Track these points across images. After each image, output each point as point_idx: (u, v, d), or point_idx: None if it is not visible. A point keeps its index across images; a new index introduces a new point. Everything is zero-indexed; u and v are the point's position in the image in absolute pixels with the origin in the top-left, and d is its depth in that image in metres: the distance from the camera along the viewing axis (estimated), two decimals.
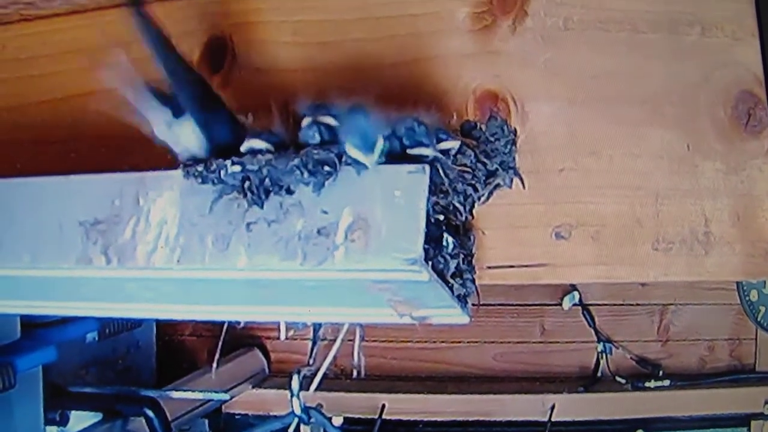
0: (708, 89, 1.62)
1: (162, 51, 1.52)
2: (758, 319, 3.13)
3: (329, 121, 1.46)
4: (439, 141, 1.49)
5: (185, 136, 1.53)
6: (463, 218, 1.55)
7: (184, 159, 1.52)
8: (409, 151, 1.45)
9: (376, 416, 3.12)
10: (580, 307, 3.25)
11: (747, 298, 3.14)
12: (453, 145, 1.52)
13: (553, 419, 3.05)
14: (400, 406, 3.15)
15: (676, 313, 3.26)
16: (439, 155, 1.46)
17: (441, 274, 1.44)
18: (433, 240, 1.42)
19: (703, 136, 1.62)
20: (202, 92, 1.57)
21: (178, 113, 1.52)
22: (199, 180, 1.47)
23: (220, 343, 2.21)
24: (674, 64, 1.63)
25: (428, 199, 1.36)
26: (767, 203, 1.58)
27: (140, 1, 1.49)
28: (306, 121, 1.49)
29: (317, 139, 1.46)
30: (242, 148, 1.49)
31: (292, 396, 2.23)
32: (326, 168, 1.40)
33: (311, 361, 2.10)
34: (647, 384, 3.15)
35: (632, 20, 1.65)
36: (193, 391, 2.91)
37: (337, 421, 2.62)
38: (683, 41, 1.63)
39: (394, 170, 1.38)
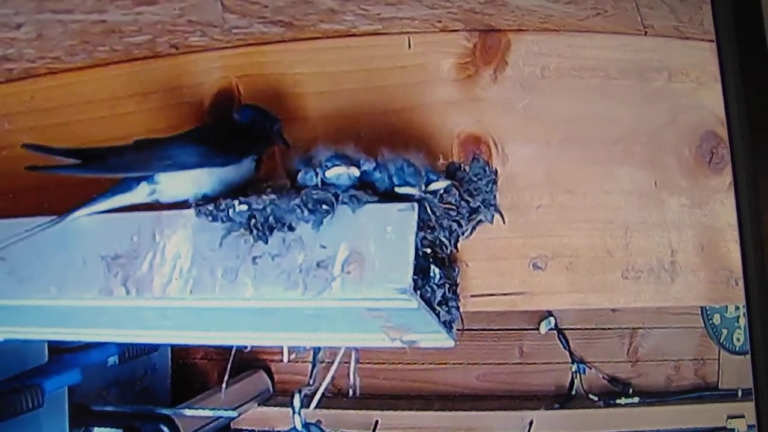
0: (674, 130, 1.62)
1: None
2: (721, 341, 3.13)
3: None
4: (429, 182, 1.51)
5: (177, 189, 1.54)
6: (449, 251, 1.56)
7: (197, 200, 1.52)
8: (397, 190, 1.47)
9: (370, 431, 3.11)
10: (555, 331, 3.23)
11: (710, 322, 3.13)
12: (442, 185, 1.54)
13: None
14: (392, 422, 3.13)
15: (644, 335, 3.24)
16: (426, 195, 1.47)
17: (429, 302, 1.45)
18: (421, 271, 1.43)
19: (670, 174, 1.62)
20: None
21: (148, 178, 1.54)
22: (210, 218, 1.48)
23: (229, 366, 2.20)
24: (643, 107, 1.64)
25: (417, 234, 1.37)
26: (729, 234, 1.58)
27: None
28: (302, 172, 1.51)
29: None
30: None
31: (294, 413, 2.24)
32: (324, 207, 1.41)
33: (311, 382, 2.10)
34: (618, 401, 3.13)
35: (604, 67, 1.65)
36: (205, 409, 2.90)
37: None
38: (651, 86, 1.64)
39: (385, 208, 1.40)
